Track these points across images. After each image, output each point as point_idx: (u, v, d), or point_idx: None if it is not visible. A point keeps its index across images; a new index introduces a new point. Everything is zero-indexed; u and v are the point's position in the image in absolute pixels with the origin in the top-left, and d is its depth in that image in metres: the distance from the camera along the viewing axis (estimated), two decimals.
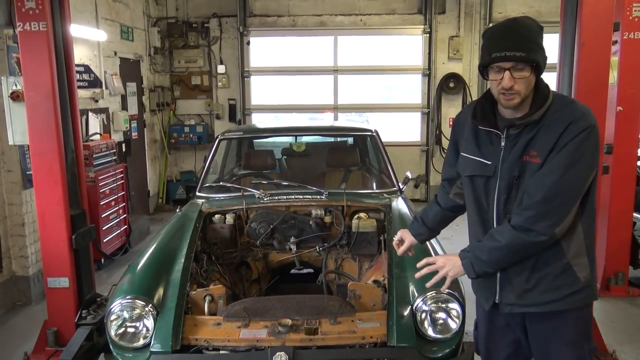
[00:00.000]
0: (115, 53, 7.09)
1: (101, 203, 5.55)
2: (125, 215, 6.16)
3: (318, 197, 3.62)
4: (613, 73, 4.45)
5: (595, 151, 1.90)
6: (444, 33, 8.51)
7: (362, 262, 3.45)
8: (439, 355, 2.44)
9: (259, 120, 9.09)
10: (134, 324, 2.54)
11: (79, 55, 5.70)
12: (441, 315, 2.50)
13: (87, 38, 6.15)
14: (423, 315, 2.49)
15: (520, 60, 1.84)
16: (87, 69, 6.06)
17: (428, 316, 2.49)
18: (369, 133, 4.55)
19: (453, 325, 2.49)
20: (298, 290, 3.23)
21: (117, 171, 6.00)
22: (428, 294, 2.50)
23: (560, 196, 1.86)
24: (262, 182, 4.01)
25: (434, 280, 2.09)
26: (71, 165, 3.66)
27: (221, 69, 8.77)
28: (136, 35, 7.83)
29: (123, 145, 7.09)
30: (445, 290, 2.37)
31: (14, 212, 4.79)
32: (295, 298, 2.67)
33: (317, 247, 3.49)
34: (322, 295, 3.08)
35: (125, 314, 2.55)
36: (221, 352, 2.43)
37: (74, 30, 4.24)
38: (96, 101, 6.41)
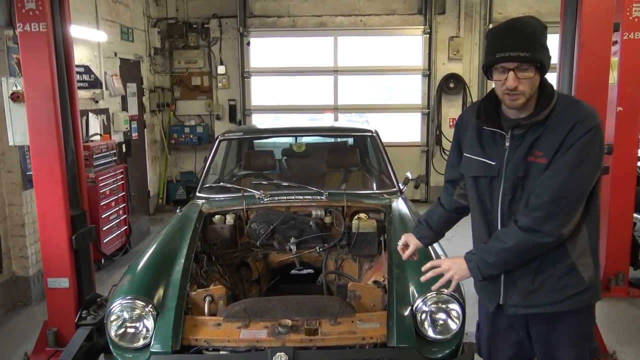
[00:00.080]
0: (115, 54, 7.09)
1: (101, 203, 5.55)
2: (125, 215, 6.16)
3: (318, 198, 3.62)
4: (613, 73, 4.44)
5: (600, 151, 1.90)
6: (444, 33, 8.51)
7: (362, 263, 3.45)
8: (439, 355, 2.44)
9: (259, 120, 9.09)
10: (134, 325, 2.54)
11: (79, 56, 5.70)
12: (441, 315, 2.50)
13: (87, 39, 6.15)
14: (423, 315, 2.49)
15: (524, 60, 1.83)
16: (87, 70, 6.06)
17: (428, 317, 2.49)
18: (369, 133, 4.55)
19: (453, 326, 2.48)
20: (298, 290, 3.24)
21: (117, 172, 6.00)
22: (428, 295, 2.50)
23: (567, 197, 1.86)
24: (262, 183, 4.00)
25: (439, 283, 2.09)
26: (71, 165, 3.66)
27: (221, 70, 8.77)
28: (136, 36, 7.83)
29: (123, 145, 7.09)
30: (447, 291, 2.36)
31: (14, 213, 4.79)
32: (295, 298, 2.67)
33: (317, 248, 3.49)
34: (322, 295, 3.08)
35: (125, 315, 2.55)
36: (221, 353, 2.42)
37: (74, 31, 4.25)
38: (96, 102, 6.41)
